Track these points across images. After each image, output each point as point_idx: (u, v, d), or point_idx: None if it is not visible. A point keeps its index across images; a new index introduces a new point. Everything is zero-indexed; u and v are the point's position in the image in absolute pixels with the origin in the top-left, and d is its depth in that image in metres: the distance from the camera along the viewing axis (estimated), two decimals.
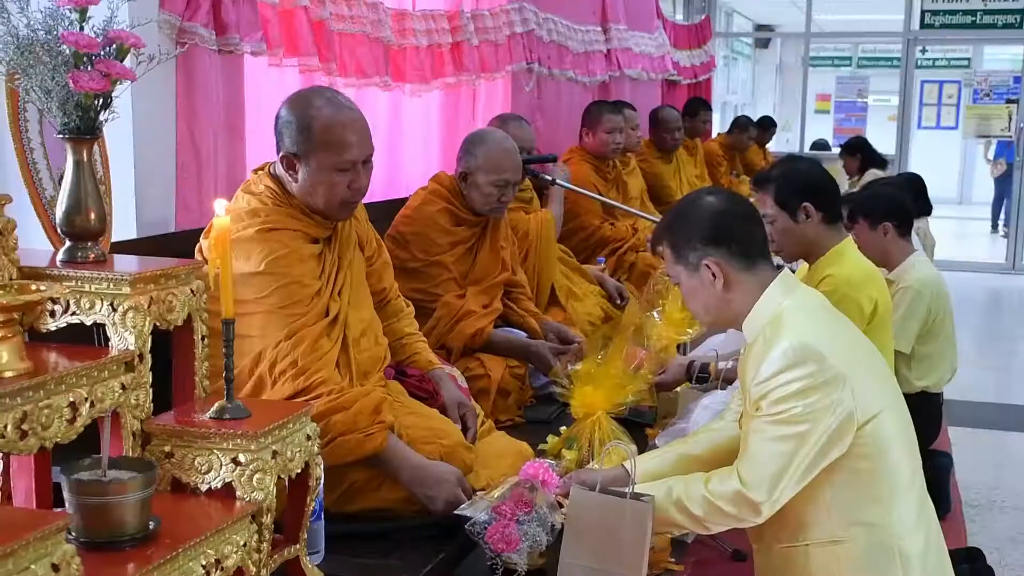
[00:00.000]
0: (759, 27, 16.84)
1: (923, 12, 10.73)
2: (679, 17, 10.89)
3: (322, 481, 2.37)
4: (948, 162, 18.79)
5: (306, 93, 2.91)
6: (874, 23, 14.54)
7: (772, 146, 12.29)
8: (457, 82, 5.20)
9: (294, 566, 2.17)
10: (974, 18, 10.90)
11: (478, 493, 2.53)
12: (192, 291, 2.14)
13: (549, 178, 4.38)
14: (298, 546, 2.16)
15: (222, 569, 1.86)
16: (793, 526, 2.37)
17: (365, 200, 4.39)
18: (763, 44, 17.99)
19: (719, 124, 10.69)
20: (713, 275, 2.40)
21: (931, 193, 6.73)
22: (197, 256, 2.69)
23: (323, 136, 2.70)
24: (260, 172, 2.85)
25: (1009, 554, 3.93)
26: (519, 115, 4.97)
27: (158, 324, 2.05)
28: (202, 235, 2.71)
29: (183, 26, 3.25)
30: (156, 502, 1.90)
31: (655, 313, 3.58)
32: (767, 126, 10.34)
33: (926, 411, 3.98)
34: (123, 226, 3.13)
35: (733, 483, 2.29)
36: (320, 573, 2.21)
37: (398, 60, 4.65)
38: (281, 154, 2.75)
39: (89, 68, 2.04)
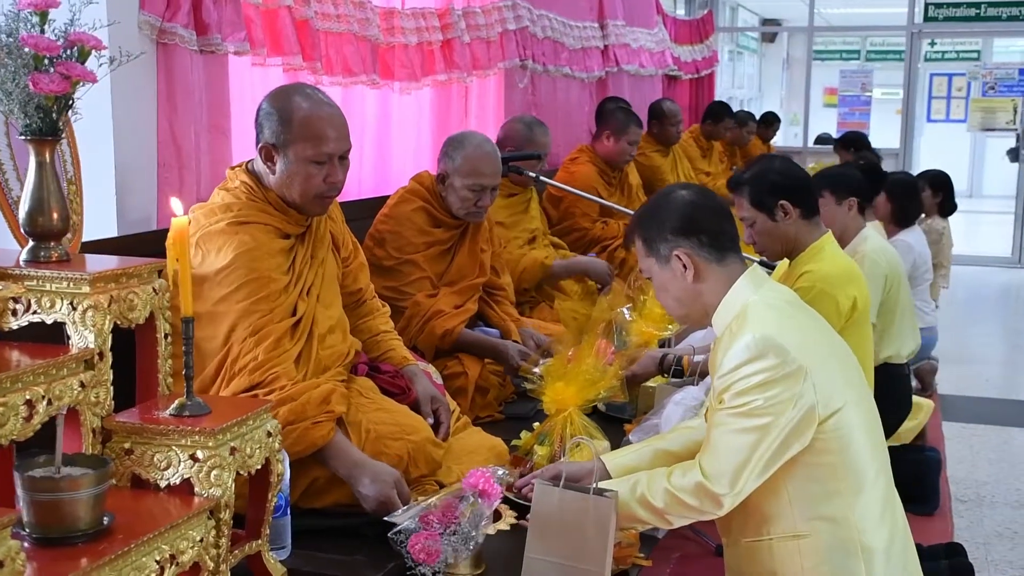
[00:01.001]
0: (766, 21, 16.80)
1: (927, 5, 10.69)
2: (680, 12, 10.87)
3: (287, 477, 2.40)
4: (958, 155, 18.72)
5: (288, 87, 2.95)
6: (881, 17, 14.49)
7: (780, 141, 12.29)
8: (448, 80, 5.22)
9: (256, 561, 2.20)
10: (978, 11, 10.86)
11: (421, 498, 2.54)
12: (154, 290, 2.16)
13: (532, 175, 4.39)
14: (260, 541, 2.19)
15: (177, 564, 1.89)
16: (757, 520, 2.38)
17: (353, 197, 4.50)
18: (770, 38, 17.94)
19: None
20: (684, 266, 2.42)
21: None
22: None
23: (302, 128, 2.75)
24: (237, 169, 2.90)
25: (995, 549, 3.93)
26: (539, 120, 4.98)
27: (119, 323, 2.08)
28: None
29: (163, 27, 3.28)
30: (115, 498, 1.93)
31: (625, 309, 3.60)
32: (770, 122, 10.30)
33: (892, 383, 4.00)
34: (104, 224, 3.18)
35: (695, 476, 2.31)
36: (283, 568, 2.24)
37: (387, 58, 4.68)
38: (261, 144, 2.80)
39: (50, 70, 2.06)
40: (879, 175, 5.68)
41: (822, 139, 12.28)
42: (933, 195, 6.87)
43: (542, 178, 4.40)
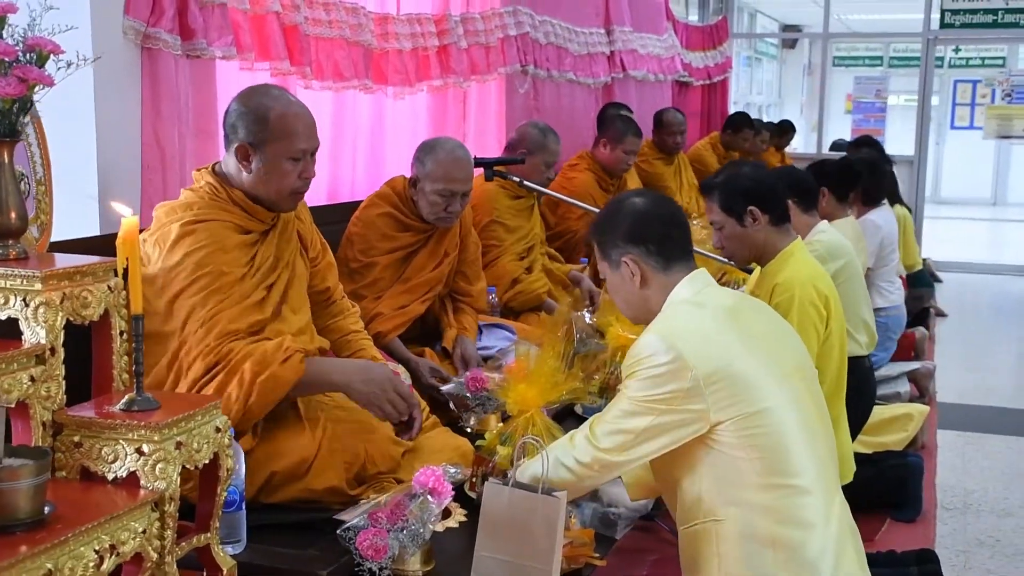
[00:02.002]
0: (786, 27, 16.78)
1: (943, 11, 10.64)
2: (693, 18, 10.89)
3: (241, 472, 2.46)
4: (981, 163, 18.60)
5: (256, 88, 3.02)
6: (903, 23, 14.43)
7: (801, 148, 12.28)
8: (444, 84, 5.27)
9: (207, 553, 2.25)
10: (996, 17, 10.78)
11: (373, 496, 2.58)
12: (109, 288, 2.22)
13: (517, 179, 4.43)
14: (209, 534, 2.24)
15: (118, 554, 1.94)
16: (685, 508, 2.48)
17: (346, 199, 4.56)
18: (790, 44, 17.91)
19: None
20: (632, 272, 2.54)
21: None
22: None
23: (278, 126, 2.85)
24: (203, 170, 2.98)
25: (974, 556, 3.92)
26: (553, 128, 5.03)
27: (72, 319, 2.14)
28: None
29: (148, 31, 3.34)
30: (62, 490, 2.00)
31: (585, 312, 3.63)
32: (786, 129, 10.27)
33: (854, 376, 4.00)
34: (88, 224, 3.25)
35: (585, 432, 2.48)
36: (232, 561, 2.28)
37: (380, 63, 4.73)
38: (236, 145, 2.87)
39: (6, 74, 2.13)
40: (851, 167, 5.79)
41: (837, 145, 12.23)
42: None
43: (526, 183, 4.43)
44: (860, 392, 4.06)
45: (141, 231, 2.89)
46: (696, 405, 2.35)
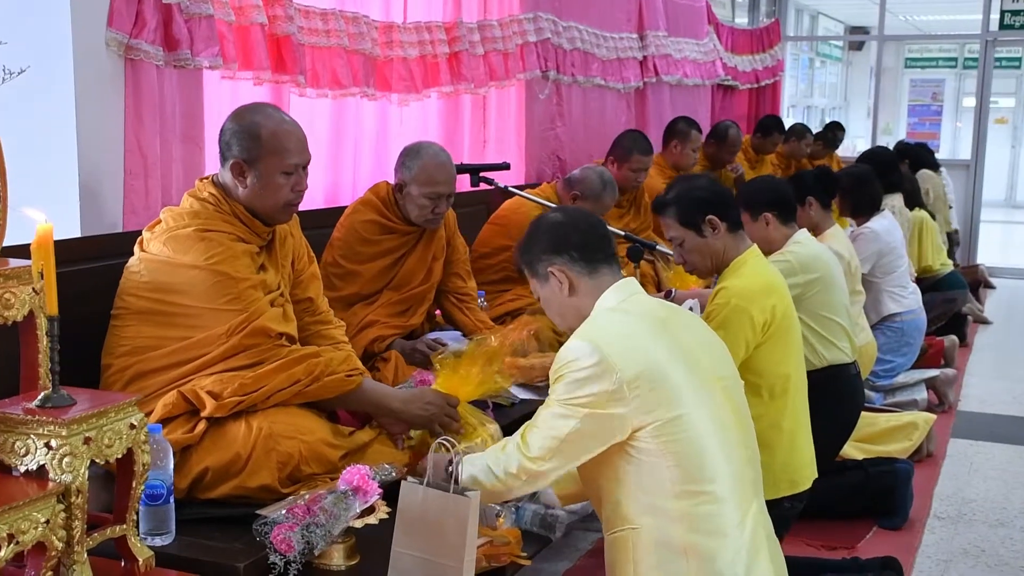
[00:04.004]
0: (853, 29, 16.54)
1: (1003, 12, 10.45)
2: (741, 21, 10.82)
3: (169, 467, 2.56)
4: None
5: (249, 107, 3.19)
6: (974, 23, 14.15)
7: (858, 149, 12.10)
8: (454, 91, 5.36)
9: (124, 544, 2.35)
10: None
11: (303, 492, 2.66)
12: (35, 290, 2.33)
13: (503, 186, 4.49)
14: (125, 526, 2.34)
15: (18, 543, 2.05)
16: (607, 514, 2.53)
17: (344, 203, 4.66)
18: (857, 46, 17.65)
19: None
20: (560, 281, 2.62)
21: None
22: (136, 251, 3.03)
23: (270, 142, 3.02)
24: (205, 180, 3.14)
25: (955, 566, 3.87)
26: (614, 183, 5.02)
27: None
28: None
29: (130, 43, 3.48)
30: None
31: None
32: (835, 131, 10.18)
33: (837, 385, 4.02)
34: (67, 226, 3.39)
35: (516, 441, 2.53)
36: (149, 552, 2.38)
37: (384, 71, 4.83)
38: (231, 161, 3.04)
39: None
40: (829, 174, 5.80)
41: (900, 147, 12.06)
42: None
43: (510, 188, 4.49)
44: (844, 399, 4.06)
45: (140, 231, 3.10)
46: (618, 409, 2.39)
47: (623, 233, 4.29)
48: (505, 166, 4.53)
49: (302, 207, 4.36)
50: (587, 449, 2.45)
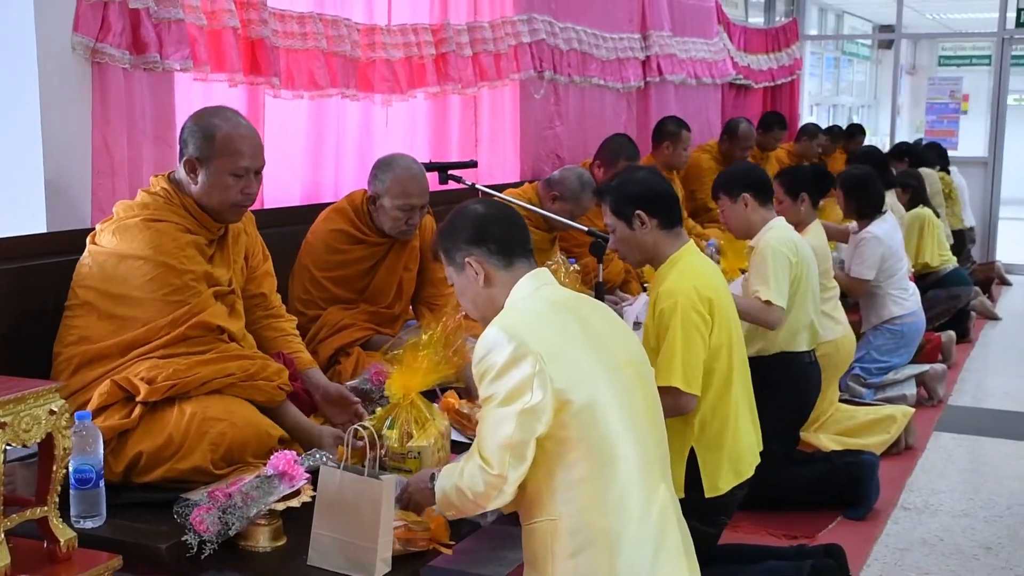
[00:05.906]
0: (882, 28, 16.42)
1: (1019, 10, 10.37)
2: (757, 21, 10.82)
3: (99, 451, 2.67)
4: None
5: (210, 109, 3.31)
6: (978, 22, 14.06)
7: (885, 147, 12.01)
8: (441, 91, 5.45)
9: (45, 525, 2.46)
10: None
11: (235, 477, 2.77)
12: None
13: (480, 188, 4.54)
14: (46, 508, 2.45)
15: None
16: (526, 505, 2.57)
17: (327, 200, 4.76)
18: (886, 44, 17.51)
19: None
20: (475, 272, 2.68)
21: None
22: (87, 244, 3.14)
23: (223, 144, 3.13)
24: (160, 176, 3.26)
25: (911, 555, 3.89)
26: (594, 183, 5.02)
27: None
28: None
29: (96, 47, 3.60)
30: None
31: None
32: (854, 133, 10.11)
33: (791, 371, 4.10)
34: (34, 224, 3.52)
35: (475, 461, 2.51)
36: (71, 532, 2.47)
37: (367, 72, 4.93)
38: (185, 158, 3.16)
39: None
40: (826, 174, 5.92)
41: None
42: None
43: (478, 186, 4.56)
44: (797, 388, 4.13)
45: (94, 227, 3.23)
46: (541, 394, 2.41)
47: (586, 229, 4.33)
48: (472, 164, 4.60)
49: (277, 204, 4.59)
50: (529, 438, 2.44)
